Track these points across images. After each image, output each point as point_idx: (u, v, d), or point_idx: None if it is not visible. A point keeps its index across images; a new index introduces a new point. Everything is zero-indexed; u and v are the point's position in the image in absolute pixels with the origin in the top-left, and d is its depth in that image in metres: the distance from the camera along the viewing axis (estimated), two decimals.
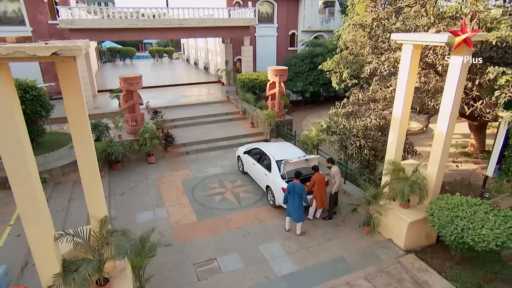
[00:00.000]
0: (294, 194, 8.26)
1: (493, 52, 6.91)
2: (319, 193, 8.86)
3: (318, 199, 8.91)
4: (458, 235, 6.63)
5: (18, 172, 4.31)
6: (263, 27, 25.67)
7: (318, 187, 8.78)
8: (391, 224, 8.30)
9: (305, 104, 23.69)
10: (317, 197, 8.90)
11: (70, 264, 5.09)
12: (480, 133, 13.79)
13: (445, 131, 7.28)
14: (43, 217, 4.65)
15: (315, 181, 8.74)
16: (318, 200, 8.92)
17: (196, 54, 35.37)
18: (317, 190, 8.81)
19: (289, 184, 8.38)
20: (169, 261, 7.67)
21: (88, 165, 5.25)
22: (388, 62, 9.11)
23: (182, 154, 14.08)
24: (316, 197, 8.90)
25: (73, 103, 4.86)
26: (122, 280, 5.84)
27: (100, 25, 16.80)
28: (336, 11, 27.84)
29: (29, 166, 4.34)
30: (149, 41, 57.88)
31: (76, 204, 9.69)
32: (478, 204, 6.96)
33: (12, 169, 4.29)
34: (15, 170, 4.31)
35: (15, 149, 4.23)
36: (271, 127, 14.93)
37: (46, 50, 3.85)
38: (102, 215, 5.64)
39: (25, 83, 10.42)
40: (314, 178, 8.79)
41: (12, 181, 4.35)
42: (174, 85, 24.96)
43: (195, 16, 18.96)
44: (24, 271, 6.83)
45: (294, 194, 8.26)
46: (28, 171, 4.32)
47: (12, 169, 4.30)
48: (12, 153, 4.22)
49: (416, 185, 7.63)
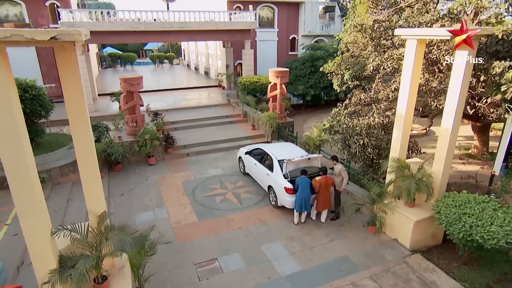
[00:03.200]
0: (305, 184, 8.45)
1: (499, 46, 6.84)
2: (322, 196, 8.68)
3: (321, 201, 8.73)
4: (466, 233, 6.45)
5: (15, 163, 4.16)
6: (264, 31, 25.74)
7: (323, 190, 8.61)
8: (396, 224, 8.12)
9: (306, 108, 23.63)
10: (319, 199, 8.72)
11: (67, 260, 4.91)
12: (483, 134, 13.68)
13: (450, 127, 7.15)
14: (40, 210, 4.49)
15: (322, 184, 8.54)
16: (320, 202, 8.74)
17: (197, 59, 35.46)
18: (321, 192, 8.62)
19: (298, 178, 8.59)
20: (169, 261, 7.47)
21: (86, 158, 5.12)
22: (391, 59, 9.03)
23: (183, 155, 13.93)
24: (319, 198, 8.72)
25: (72, 92, 4.76)
26: (121, 278, 5.66)
27: (101, 28, 16.80)
28: (336, 16, 27.96)
29: (26, 156, 4.19)
30: (150, 47, 58.28)
31: (74, 205, 9.52)
32: (486, 201, 6.80)
33: (8, 160, 4.15)
34: (12, 161, 4.16)
35: (12, 138, 4.08)
36: (272, 128, 14.81)
37: (44, 34, 3.75)
38: (100, 211, 5.49)
39: (25, 82, 10.35)
40: (321, 181, 8.56)
41: (9, 172, 4.20)
42: (174, 89, 24.93)
43: (196, 19, 18.99)
44: (20, 270, 6.64)
45: (305, 184, 8.45)
46: (25, 162, 4.17)
47: (9, 160, 4.15)
48: (8, 142, 4.08)
49: (422, 182, 7.48)
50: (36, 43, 3.83)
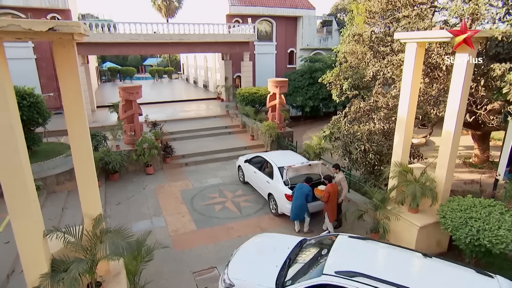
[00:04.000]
0: (300, 193, 8.23)
1: (499, 48, 6.85)
2: (331, 206, 8.36)
3: (331, 212, 8.40)
4: (473, 237, 6.25)
5: (7, 158, 4.02)
6: (262, 45, 26.06)
7: (332, 198, 8.28)
8: (400, 230, 7.90)
9: (305, 120, 23.64)
10: (329, 210, 8.38)
11: (59, 264, 4.69)
12: (483, 143, 13.63)
13: (452, 131, 7.07)
14: (33, 210, 4.31)
15: (330, 192, 8.21)
16: (331, 213, 8.42)
17: (196, 73, 35.73)
18: (330, 202, 8.30)
19: (298, 184, 8.37)
20: (167, 269, 7.20)
21: (83, 156, 4.97)
22: (391, 65, 9.05)
23: (181, 165, 13.76)
24: (329, 210, 8.38)
25: (70, 89, 4.66)
26: (116, 285, 5.41)
27: (101, 39, 16.93)
28: (333, 30, 28.42)
29: (20, 152, 4.05)
30: (149, 63, 58.93)
31: (69, 213, 9.28)
32: (492, 205, 6.66)
33: (1, 155, 4.00)
34: (5, 156, 4.02)
35: (5, 132, 3.96)
36: (272, 138, 14.71)
37: (42, 25, 3.68)
38: (96, 213, 5.29)
39: (23, 90, 10.26)
40: (328, 189, 8.22)
41: (1, 168, 4.04)
42: (173, 102, 24.96)
43: (195, 31, 19.19)
44: (10, 278, 6.36)
45: (300, 193, 8.23)
46: (18, 157, 4.03)
47: (1, 155, 4.00)
48: (1, 136, 3.94)
49: (427, 187, 7.33)
50: (33, 34, 3.75)
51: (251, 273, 5.56)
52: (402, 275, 4.65)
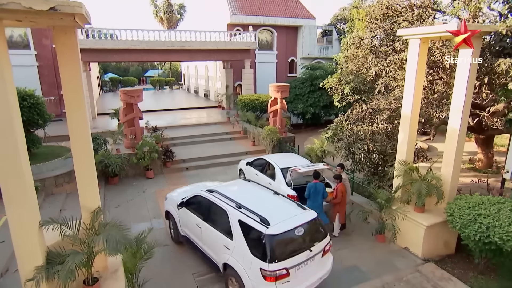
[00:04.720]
0: (315, 194, 7.71)
1: (504, 42, 6.81)
2: (342, 206, 8.17)
3: (342, 212, 8.21)
4: (483, 234, 6.06)
5: (3, 139, 3.87)
6: (263, 53, 26.26)
7: (342, 199, 8.09)
8: (406, 231, 7.69)
9: (306, 127, 23.57)
10: (341, 211, 8.17)
11: (55, 257, 4.50)
12: (487, 147, 13.49)
13: (458, 128, 6.97)
14: (28, 197, 4.14)
15: (343, 192, 8.00)
16: (342, 213, 8.22)
17: (197, 82, 35.93)
18: (340, 203, 8.10)
19: (310, 184, 7.81)
20: (166, 269, 6.98)
21: (82, 147, 4.84)
22: (393, 64, 9.01)
23: (182, 169, 13.61)
24: (341, 210, 8.17)
25: (70, 77, 4.58)
26: (113, 281, 5.19)
27: (103, 46, 17.04)
28: (333, 39, 28.68)
29: (17, 134, 3.93)
30: (150, 74, 59.38)
31: (67, 215, 8.93)
32: (501, 202, 6.48)
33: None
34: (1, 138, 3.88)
35: (2, 116, 3.84)
36: (273, 143, 14.60)
37: (43, 4, 3.61)
38: (94, 206, 5.13)
39: (24, 91, 10.23)
40: (341, 188, 7.96)
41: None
42: (174, 109, 24.95)
43: (197, 38, 19.34)
44: (4, 277, 6.15)
45: (315, 194, 7.71)
46: (14, 140, 3.90)
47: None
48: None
49: (433, 185, 7.17)
50: (34, 14, 3.68)
51: (176, 195, 8.16)
52: (243, 197, 6.46)
